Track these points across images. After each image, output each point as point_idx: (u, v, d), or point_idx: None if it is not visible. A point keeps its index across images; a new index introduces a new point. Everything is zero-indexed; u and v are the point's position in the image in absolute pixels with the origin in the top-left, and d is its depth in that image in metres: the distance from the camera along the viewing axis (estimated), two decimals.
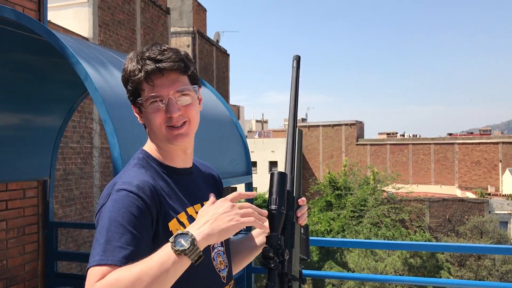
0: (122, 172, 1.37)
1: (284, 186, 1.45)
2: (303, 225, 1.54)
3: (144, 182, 1.27)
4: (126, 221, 1.17)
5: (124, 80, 1.36)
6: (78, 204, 9.52)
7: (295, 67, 1.67)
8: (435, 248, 4.32)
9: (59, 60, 3.52)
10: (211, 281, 1.38)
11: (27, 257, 4.12)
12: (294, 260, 1.44)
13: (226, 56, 24.30)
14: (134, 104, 1.37)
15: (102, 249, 1.13)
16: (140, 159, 1.38)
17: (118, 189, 1.24)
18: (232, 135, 3.77)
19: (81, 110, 9.64)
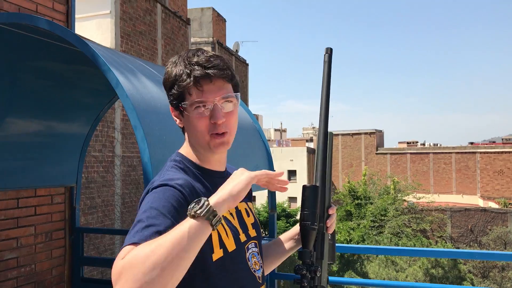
0: (159, 174, 1.38)
1: (316, 200, 1.45)
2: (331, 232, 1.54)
3: (184, 180, 1.30)
4: (165, 209, 1.18)
5: (168, 83, 1.39)
6: (100, 212, 9.65)
7: (326, 61, 1.58)
8: (457, 255, 4.27)
9: (86, 68, 3.62)
10: (246, 280, 1.39)
11: (54, 262, 4.21)
12: (323, 271, 1.45)
13: (245, 65, 24.46)
14: (176, 107, 1.39)
15: (134, 231, 1.13)
16: (177, 162, 1.41)
17: (158, 184, 1.26)
18: (256, 142, 3.81)
19: (103, 119, 9.79)
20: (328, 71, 1.58)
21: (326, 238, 1.49)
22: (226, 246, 1.33)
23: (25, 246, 3.92)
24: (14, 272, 3.82)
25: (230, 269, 1.33)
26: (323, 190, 1.51)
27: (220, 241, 1.32)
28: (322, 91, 1.57)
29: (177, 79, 1.35)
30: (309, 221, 1.41)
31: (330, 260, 1.52)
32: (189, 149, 1.44)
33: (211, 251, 1.28)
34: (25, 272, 3.92)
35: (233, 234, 1.38)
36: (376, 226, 27.28)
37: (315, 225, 1.42)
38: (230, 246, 1.35)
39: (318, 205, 1.45)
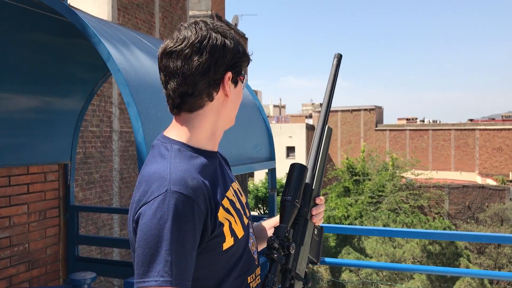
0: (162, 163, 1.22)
1: (302, 179, 1.42)
2: (317, 225, 1.48)
3: (198, 180, 1.17)
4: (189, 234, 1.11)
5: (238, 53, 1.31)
6: (98, 187, 9.57)
7: (334, 65, 1.66)
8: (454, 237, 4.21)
9: (80, 41, 3.45)
10: (249, 264, 1.34)
11: (49, 241, 4.11)
12: (300, 259, 1.39)
13: (244, 40, 24.10)
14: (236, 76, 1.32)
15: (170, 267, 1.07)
16: (176, 151, 1.25)
17: (174, 190, 1.12)
18: (256, 120, 3.67)
19: (100, 94, 9.64)
20: (335, 75, 1.65)
21: (309, 226, 1.44)
22: (236, 233, 1.27)
23: (18, 225, 3.82)
24: (7, 251, 3.73)
25: (238, 255, 1.28)
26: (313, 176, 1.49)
27: (231, 229, 1.25)
28: (326, 92, 1.63)
29: (244, 53, 1.33)
30: (290, 196, 1.38)
31: (314, 257, 1.47)
32: (192, 131, 1.29)
33: (223, 241, 1.22)
34: (18, 251, 3.83)
35: (240, 219, 1.31)
36: (374, 202, 27.40)
37: (296, 201, 1.38)
38: (240, 233, 1.29)
39: (303, 186, 1.42)
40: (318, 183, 1.49)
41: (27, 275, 3.92)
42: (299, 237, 1.40)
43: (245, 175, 18.05)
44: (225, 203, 1.25)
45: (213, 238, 1.19)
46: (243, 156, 3.25)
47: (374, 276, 18.08)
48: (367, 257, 19.82)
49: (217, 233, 1.19)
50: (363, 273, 18.14)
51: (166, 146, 1.27)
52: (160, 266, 1.07)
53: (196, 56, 1.22)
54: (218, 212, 1.21)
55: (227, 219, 1.23)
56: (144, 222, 1.11)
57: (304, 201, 1.44)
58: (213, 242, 1.19)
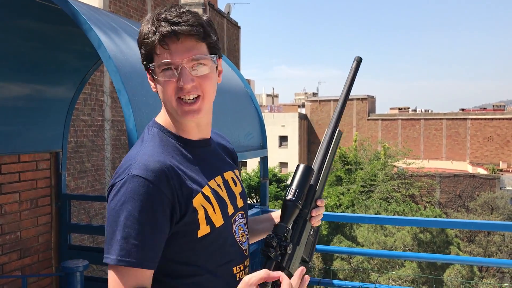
0: (138, 146, 1.26)
1: (307, 181, 1.40)
2: (315, 226, 1.49)
3: (162, 164, 1.18)
4: (144, 216, 1.13)
5: (138, 43, 1.26)
6: (90, 176, 9.55)
7: (353, 68, 1.62)
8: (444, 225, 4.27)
9: (71, 28, 3.43)
10: (234, 254, 1.33)
11: (41, 229, 4.11)
12: (295, 258, 1.38)
13: (237, 28, 23.98)
14: (147, 70, 1.27)
15: (119, 245, 1.11)
16: (155, 134, 1.29)
17: (133, 174, 1.15)
18: (247, 108, 3.67)
19: (92, 83, 9.57)
20: (352, 78, 1.60)
21: (307, 227, 1.44)
22: (213, 221, 1.25)
23: (9, 213, 3.82)
24: None
25: (216, 244, 1.27)
26: (317, 178, 1.48)
27: (206, 217, 1.24)
28: (342, 94, 1.60)
29: (145, 37, 1.22)
30: (294, 197, 1.36)
31: (307, 257, 1.46)
32: (166, 117, 1.31)
33: (197, 228, 1.22)
34: (10, 239, 3.83)
35: (221, 208, 1.29)
36: (366, 191, 27.57)
37: (299, 203, 1.36)
38: (218, 221, 1.27)
39: (307, 187, 1.41)
40: (322, 185, 1.48)
41: (19, 263, 3.93)
42: (296, 237, 1.40)
43: (238, 164, 18.05)
44: (205, 190, 1.26)
45: (186, 224, 1.19)
46: (234, 144, 3.24)
47: (366, 264, 18.24)
48: (359, 245, 19.99)
49: (189, 220, 1.19)
50: (354, 261, 18.30)
51: (148, 129, 1.31)
52: (116, 245, 1.11)
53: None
54: (194, 198, 1.21)
55: (203, 206, 1.23)
56: (108, 203, 1.17)
57: (306, 202, 1.43)
58: (186, 228, 1.20)
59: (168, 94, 1.22)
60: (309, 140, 44.88)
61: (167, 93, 1.22)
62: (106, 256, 1.13)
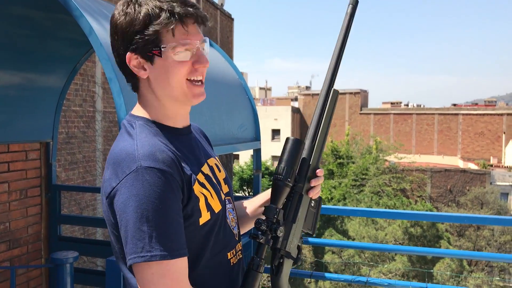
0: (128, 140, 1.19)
1: (296, 156, 1.33)
2: (314, 198, 1.41)
3: (167, 153, 1.15)
4: (170, 206, 1.09)
5: (135, 26, 1.17)
6: (81, 167, 9.48)
7: (348, 13, 1.43)
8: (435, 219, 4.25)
9: (63, 16, 3.36)
10: (228, 238, 1.31)
11: (30, 220, 4.06)
12: (291, 237, 1.33)
13: (230, 20, 23.85)
14: (144, 53, 1.19)
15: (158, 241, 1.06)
16: (142, 126, 1.23)
17: (145, 166, 1.09)
18: (241, 99, 3.64)
19: (83, 73, 9.48)
20: (348, 25, 1.45)
21: (304, 202, 1.37)
22: (212, 207, 1.24)
23: None
24: None
25: (215, 230, 1.25)
26: (312, 148, 1.38)
27: (206, 204, 1.22)
28: (337, 45, 1.44)
29: (152, 18, 1.15)
30: (283, 175, 1.31)
31: (308, 229, 1.40)
32: (147, 109, 1.26)
33: (199, 216, 1.19)
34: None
35: (217, 193, 1.28)
36: (357, 185, 27.68)
37: (288, 181, 1.31)
38: (216, 207, 1.26)
39: (298, 162, 1.34)
40: (318, 154, 1.39)
41: (8, 254, 3.88)
42: (292, 214, 1.34)
43: (230, 156, 18.03)
44: (200, 177, 1.23)
45: (189, 211, 1.17)
46: (227, 136, 3.22)
47: (356, 258, 18.33)
48: (350, 239, 20.08)
49: (192, 207, 1.17)
50: (345, 255, 18.39)
51: (131, 124, 1.24)
52: (145, 243, 1.05)
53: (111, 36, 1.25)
54: (194, 185, 1.19)
55: (202, 193, 1.21)
56: (122, 201, 1.09)
57: (300, 176, 1.36)
58: (189, 216, 1.17)
59: (180, 76, 1.19)
60: (302, 134, 44.94)
61: (179, 75, 1.19)
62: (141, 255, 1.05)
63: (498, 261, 16.68)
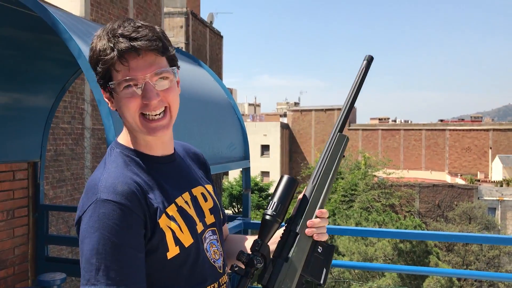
0: (100, 169, 1.21)
1: (289, 192, 1.32)
2: (321, 241, 1.35)
3: (129, 185, 1.14)
4: (121, 240, 1.09)
5: (93, 61, 1.20)
6: (69, 185, 9.39)
7: (363, 67, 1.46)
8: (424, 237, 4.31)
9: (51, 37, 3.37)
10: (207, 273, 1.28)
11: (17, 241, 4.01)
12: (282, 276, 1.28)
13: (219, 38, 24.01)
14: (104, 88, 1.22)
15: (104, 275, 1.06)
16: (117, 154, 1.24)
17: (103, 199, 1.10)
18: (230, 119, 3.66)
19: (72, 91, 9.45)
20: (362, 79, 1.46)
21: (301, 241, 1.31)
22: (182, 242, 1.21)
23: None
24: None
25: (187, 264, 1.22)
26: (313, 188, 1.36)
27: (175, 238, 1.19)
28: (350, 95, 1.45)
29: (101, 54, 1.16)
30: (271, 210, 1.29)
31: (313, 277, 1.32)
32: (127, 135, 1.27)
33: (166, 250, 1.18)
34: None
35: (189, 227, 1.24)
36: (347, 201, 27.71)
37: (275, 215, 1.28)
38: (187, 241, 1.22)
39: (290, 199, 1.32)
40: (318, 196, 1.35)
41: None
42: (284, 253, 1.30)
43: (220, 174, 17.98)
44: (170, 210, 1.22)
45: (154, 244, 1.15)
46: (217, 156, 3.23)
47: (347, 275, 18.27)
48: (340, 255, 20.03)
49: (157, 241, 1.16)
50: (335, 271, 18.32)
51: (111, 151, 1.26)
52: (101, 275, 1.06)
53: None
54: (159, 219, 1.18)
55: (169, 227, 1.19)
56: (81, 231, 1.11)
57: (296, 214, 1.33)
58: (154, 249, 1.16)
59: (131, 112, 1.18)
60: (291, 149, 45.02)
61: (130, 111, 1.18)
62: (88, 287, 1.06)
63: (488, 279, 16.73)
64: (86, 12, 10.42)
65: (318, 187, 1.36)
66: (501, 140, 40.27)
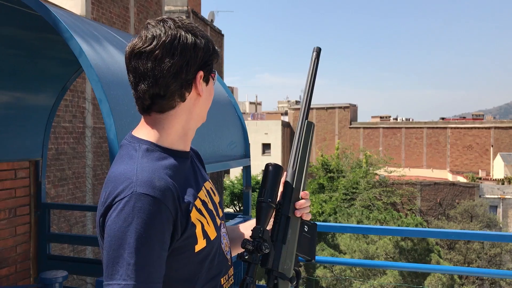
0: (129, 163, 1.18)
1: (277, 179, 1.40)
2: (306, 220, 1.46)
3: (166, 181, 1.15)
4: (155, 237, 1.09)
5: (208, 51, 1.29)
6: (71, 184, 9.41)
7: (314, 58, 1.60)
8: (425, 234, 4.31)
9: (52, 36, 3.39)
10: (222, 264, 1.32)
11: (19, 239, 4.03)
12: (283, 258, 1.37)
13: (220, 36, 24.02)
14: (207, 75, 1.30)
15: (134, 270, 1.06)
16: (144, 150, 1.22)
17: (140, 192, 1.09)
18: (231, 117, 3.67)
19: (73, 89, 9.47)
20: (314, 69, 1.59)
21: (293, 223, 1.41)
22: (208, 235, 1.24)
23: None
24: None
25: (210, 257, 1.26)
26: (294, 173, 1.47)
27: (203, 231, 1.22)
28: (306, 87, 1.57)
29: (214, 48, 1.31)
30: (265, 197, 1.36)
31: (305, 254, 1.44)
32: (160, 132, 1.25)
33: (195, 243, 1.20)
34: None
35: (212, 220, 1.29)
36: (348, 199, 27.71)
37: (269, 201, 1.36)
38: (212, 234, 1.26)
39: (279, 184, 1.41)
40: (299, 179, 1.47)
41: None
42: (281, 236, 1.38)
43: (221, 172, 18.00)
44: (197, 204, 1.23)
45: (185, 239, 1.17)
46: (217, 154, 3.24)
47: (348, 273, 18.28)
48: (341, 253, 20.04)
49: (188, 235, 1.17)
50: (337, 270, 18.33)
51: (134, 146, 1.23)
52: (122, 270, 1.05)
53: (168, 57, 1.18)
54: (191, 213, 1.19)
55: (199, 220, 1.21)
56: (109, 224, 1.09)
57: (285, 198, 1.42)
58: (184, 244, 1.17)
59: (210, 102, 1.35)
60: None
61: (210, 102, 1.35)
62: (107, 282, 1.06)
63: (489, 277, 16.72)
64: (87, 11, 10.43)
65: (298, 171, 1.48)
66: (502, 138, 40.23)
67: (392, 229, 4.88)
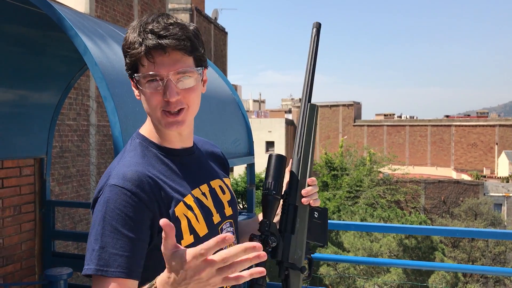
0: (118, 158, 1.28)
1: (281, 169, 1.38)
2: (315, 206, 1.44)
3: (139, 174, 1.18)
4: (121, 224, 1.12)
5: (123, 51, 1.25)
6: (75, 182, 9.45)
7: (314, 35, 1.50)
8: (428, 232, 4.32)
9: (57, 34, 3.39)
10: None
11: (24, 236, 4.05)
12: (293, 247, 1.36)
13: (224, 34, 24.01)
14: (131, 78, 1.26)
15: (97, 256, 1.10)
16: (136, 144, 1.29)
17: (111, 184, 1.16)
18: (235, 115, 3.67)
19: (77, 87, 9.50)
20: (315, 46, 1.52)
21: (301, 212, 1.39)
22: (196, 231, 1.24)
23: None
24: None
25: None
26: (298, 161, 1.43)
27: (190, 227, 1.23)
28: (308, 66, 1.50)
29: (130, 47, 1.20)
30: (270, 189, 1.35)
31: (318, 241, 1.42)
32: (150, 127, 1.31)
33: (180, 238, 1.20)
34: None
35: (205, 217, 1.28)
36: (352, 197, 27.69)
37: (273, 193, 1.35)
38: (202, 231, 1.25)
39: (283, 175, 1.39)
40: (305, 166, 1.43)
41: (1, 271, 3.86)
42: (289, 226, 1.37)
43: None
44: (188, 199, 1.25)
45: None
46: (222, 151, 3.24)
47: (352, 270, 18.27)
48: (345, 251, 20.03)
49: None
50: (340, 267, 18.33)
51: (131, 140, 1.32)
52: (88, 255, 1.12)
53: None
54: (176, 207, 1.21)
55: (185, 215, 1.22)
56: (92, 216, 1.18)
57: (291, 188, 1.40)
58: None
59: (153, 105, 1.21)
60: None
61: (152, 104, 1.22)
62: (86, 267, 1.11)
63: (493, 274, 16.67)
64: (91, 8, 10.44)
65: (303, 158, 1.43)
66: (507, 136, 40.08)
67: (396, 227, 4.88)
